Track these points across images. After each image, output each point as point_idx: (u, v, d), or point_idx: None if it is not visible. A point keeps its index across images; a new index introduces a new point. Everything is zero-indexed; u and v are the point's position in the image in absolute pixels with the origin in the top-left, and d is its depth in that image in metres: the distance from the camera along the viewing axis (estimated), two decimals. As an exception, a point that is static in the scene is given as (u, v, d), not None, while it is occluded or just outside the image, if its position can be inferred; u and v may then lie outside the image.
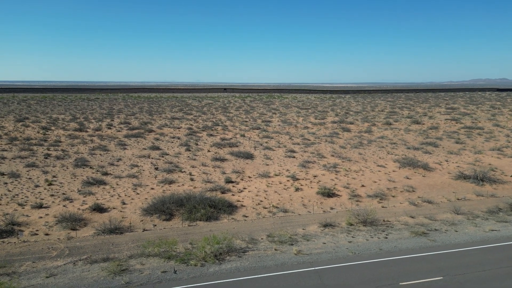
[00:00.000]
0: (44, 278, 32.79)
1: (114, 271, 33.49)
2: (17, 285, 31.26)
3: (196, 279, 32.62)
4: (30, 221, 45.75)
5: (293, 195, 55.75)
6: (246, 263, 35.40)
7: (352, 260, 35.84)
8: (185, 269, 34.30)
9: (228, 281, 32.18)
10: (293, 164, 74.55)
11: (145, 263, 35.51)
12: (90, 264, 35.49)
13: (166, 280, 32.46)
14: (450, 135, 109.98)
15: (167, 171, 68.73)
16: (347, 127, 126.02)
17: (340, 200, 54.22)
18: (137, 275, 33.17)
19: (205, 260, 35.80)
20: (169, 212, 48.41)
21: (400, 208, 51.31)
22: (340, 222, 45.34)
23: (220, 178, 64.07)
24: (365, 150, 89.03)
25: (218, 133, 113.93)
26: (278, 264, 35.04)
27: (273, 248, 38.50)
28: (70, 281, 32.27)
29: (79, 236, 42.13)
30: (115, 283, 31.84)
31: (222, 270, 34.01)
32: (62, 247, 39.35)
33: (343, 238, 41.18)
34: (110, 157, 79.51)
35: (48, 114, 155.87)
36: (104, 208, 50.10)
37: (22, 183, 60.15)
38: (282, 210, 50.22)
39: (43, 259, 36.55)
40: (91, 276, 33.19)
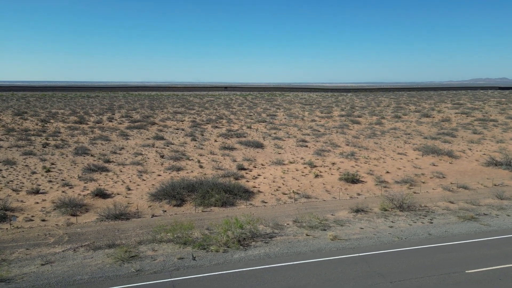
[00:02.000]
0: (38, 265, 27.66)
1: (121, 257, 28.31)
2: (5, 273, 25.77)
3: (220, 267, 27.52)
4: (25, 206, 40.52)
5: (313, 182, 50.55)
6: (276, 249, 30.19)
7: (400, 246, 31.05)
8: (205, 255, 29.06)
9: (258, 269, 27.06)
10: (307, 152, 69.34)
11: (158, 249, 30.29)
12: (93, 250, 30.23)
13: (184, 267, 27.21)
14: (465, 127, 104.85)
15: (174, 159, 63.54)
16: (356, 119, 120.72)
17: (366, 186, 49.00)
18: (149, 262, 27.94)
19: (228, 246, 30.66)
20: (180, 198, 43.18)
21: (434, 194, 46.34)
22: (372, 208, 40.21)
23: (231, 166, 58.86)
24: (380, 140, 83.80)
25: (223, 125, 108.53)
26: (314, 250, 29.86)
27: (303, 234, 33.27)
28: (69, 269, 27.09)
29: (80, 222, 36.92)
30: (123, 271, 26.62)
31: (249, 257, 28.76)
32: (60, 234, 34.02)
33: (382, 223, 36.01)
34: (112, 146, 74.18)
35: (47, 109, 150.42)
36: (108, 194, 44.87)
37: (17, 170, 54.89)
38: (304, 196, 45.05)
39: (38, 246, 31.27)
40: (95, 263, 27.91)
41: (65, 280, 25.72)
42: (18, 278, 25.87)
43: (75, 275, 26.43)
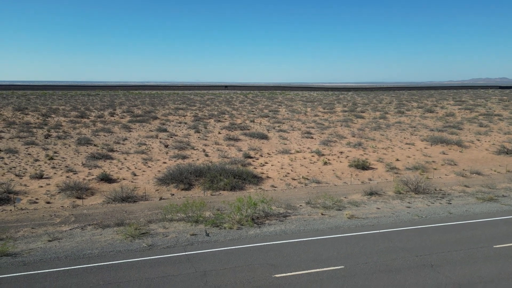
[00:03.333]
0: (45, 242, 26.41)
1: (132, 234, 27.11)
2: (11, 248, 24.47)
3: (235, 242, 26.35)
4: (29, 190, 39.29)
5: (323, 169, 49.41)
6: (292, 226, 29.00)
7: (421, 223, 29.95)
8: (218, 232, 27.92)
9: (275, 243, 25.91)
10: (313, 143, 68.20)
11: (169, 227, 29.15)
12: (102, 228, 29.03)
13: (198, 242, 25.98)
14: (471, 120, 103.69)
15: (179, 148, 62.18)
16: (359, 114, 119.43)
17: (377, 173, 47.83)
18: (161, 238, 26.76)
19: (241, 223, 29.44)
20: (187, 182, 42.04)
21: (447, 179, 45.27)
22: (386, 191, 39.11)
23: (237, 154, 57.71)
24: (386, 132, 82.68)
25: (226, 119, 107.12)
26: (332, 227, 28.65)
27: (318, 213, 32.05)
28: (78, 245, 25.84)
29: (86, 205, 35.77)
30: (135, 246, 25.40)
31: (265, 233, 27.58)
32: (66, 215, 32.79)
33: (398, 204, 34.84)
34: (115, 138, 72.96)
35: (48, 106, 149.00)
36: (113, 179, 43.64)
37: (20, 158, 53.66)
38: (314, 181, 43.86)
39: (44, 225, 30.06)
40: (104, 239, 26.71)
41: (74, 254, 24.53)
42: (25, 253, 24.70)
43: (85, 250, 25.24)
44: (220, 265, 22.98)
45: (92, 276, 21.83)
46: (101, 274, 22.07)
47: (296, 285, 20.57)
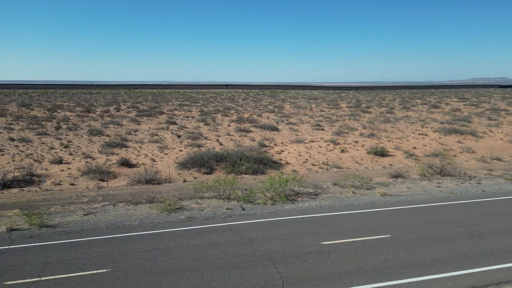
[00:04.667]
0: (81, 216, 26.07)
1: (167, 209, 26.81)
2: (48, 221, 24.13)
3: (273, 215, 26.21)
4: (51, 173, 39.00)
5: (341, 156, 49.24)
6: (327, 202, 28.73)
7: (457, 199, 30.00)
8: (253, 207, 27.69)
9: (316, 216, 25.68)
10: (325, 134, 67.87)
11: (201, 203, 28.95)
12: (134, 205, 28.83)
13: (236, 215, 25.73)
14: (478, 115, 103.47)
15: (192, 138, 61.60)
16: (365, 110, 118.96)
17: (396, 159, 47.63)
18: (197, 212, 26.48)
19: (274, 200, 28.86)
20: (208, 166, 41.37)
21: (468, 165, 45.25)
22: (409, 175, 38.57)
23: (251, 144, 57.15)
24: (396, 124, 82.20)
25: (233, 114, 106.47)
26: (368, 203, 28.41)
27: (349, 192, 31.90)
28: (114, 218, 25.59)
29: (111, 186, 35.11)
30: (173, 218, 25.13)
31: (300, 208, 27.38)
32: (93, 195, 32.43)
33: (427, 184, 34.67)
34: (125, 129, 72.46)
35: (52, 102, 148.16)
36: (133, 164, 42.94)
37: (34, 146, 53.26)
38: (335, 166, 43.28)
39: (73, 203, 29.74)
40: (140, 213, 26.40)
41: (114, 225, 24.25)
42: (63, 225, 24.40)
43: (124, 222, 24.97)
44: (264, 234, 22.72)
45: (138, 242, 21.57)
46: (147, 241, 21.82)
47: (346, 251, 20.31)
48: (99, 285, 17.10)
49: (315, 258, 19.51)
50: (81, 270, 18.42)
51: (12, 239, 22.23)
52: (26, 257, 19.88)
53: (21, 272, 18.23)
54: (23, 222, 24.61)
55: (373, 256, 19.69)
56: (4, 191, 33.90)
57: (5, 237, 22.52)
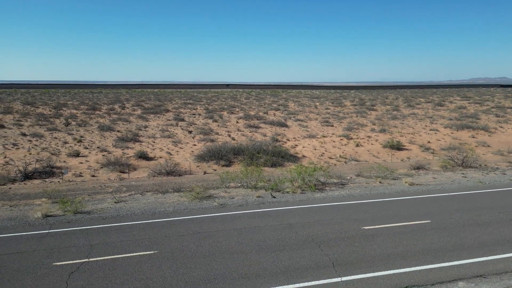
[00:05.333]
0: (112, 203, 25.86)
1: (196, 197, 26.39)
2: (82, 207, 23.90)
3: (306, 202, 26.25)
4: (70, 166, 38.85)
5: (356, 150, 49.15)
6: (356, 191, 28.58)
7: (488, 188, 29.97)
8: (283, 195, 27.30)
9: (349, 203, 25.74)
10: (335, 130, 67.42)
11: (229, 192, 28.67)
12: (162, 194, 28.40)
13: (268, 202, 25.52)
14: (485, 112, 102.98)
15: (204, 133, 61.26)
16: (371, 107, 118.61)
17: (413, 153, 47.51)
18: (228, 200, 26.27)
19: (302, 189, 28.50)
20: (227, 159, 41.06)
21: (486, 158, 44.99)
22: (430, 167, 38.18)
23: (264, 138, 56.79)
24: (404, 121, 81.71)
25: (239, 112, 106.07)
26: (398, 191, 28.31)
27: (376, 182, 31.73)
28: (146, 205, 25.36)
29: (132, 178, 34.76)
30: (206, 205, 24.95)
31: (331, 196, 27.25)
32: (117, 185, 32.20)
33: (452, 175, 34.54)
34: (135, 126, 72.03)
35: (55, 101, 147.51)
36: (150, 157, 42.64)
37: (48, 141, 53.02)
38: (353, 159, 43.05)
39: (99, 193, 29.52)
40: (171, 201, 26.21)
41: (148, 211, 24.07)
42: (97, 211, 24.21)
43: (157, 208, 24.78)
44: (303, 219, 22.57)
45: (178, 227, 21.48)
46: (186, 225, 21.70)
47: (390, 235, 20.16)
48: (149, 265, 16.95)
49: (360, 241, 19.34)
50: (127, 252, 18.30)
51: (51, 224, 22.06)
52: (69, 240, 19.73)
53: (68, 254, 18.11)
54: (56, 209, 24.45)
55: (419, 240, 19.54)
56: (26, 182, 33.66)
57: (43, 222, 22.34)
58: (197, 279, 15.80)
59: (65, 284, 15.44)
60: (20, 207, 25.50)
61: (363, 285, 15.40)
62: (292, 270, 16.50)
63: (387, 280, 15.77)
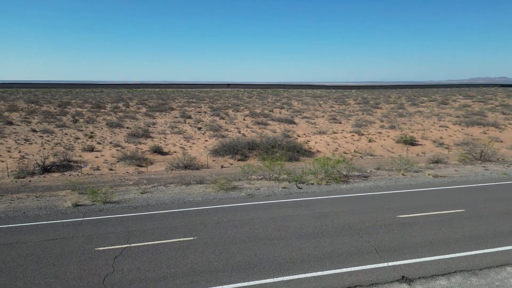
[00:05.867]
0: (138, 194, 25.70)
1: (222, 188, 26.17)
2: (110, 197, 23.71)
3: (333, 193, 26.18)
4: (86, 160, 38.65)
5: (370, 145, 49.04)
6: (381, 182, 28.45)
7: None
8: (308, 187, 27.15)
9: (378, 194, 25.13)
10: (344, 127, 67.16)
11: (253, 183, 28.36)
12: (185, 185, 28.15)
13: (295, 193, 25.44)
14: (490, 110, 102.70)
15: (213, 130, 61.01)
16: (376, 106, 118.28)
17: (427, 148, 47.41)
18: (254, 191, 26.11)
19: (327, 181, 28.30)
20: (242, 154, 40.94)
21: (502, 152, 44.42)
22: (448, 161, 37.96)
23: (274, 135, 56.48)
24: (412, 118, 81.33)
25: (243, 110, 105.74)
26: (424, 183, 28.30)
27: (399, 174, 31.57)
28: (174, 195, 25.34)
29: (150, 171, 34.49)
30: (234, 195, 24.90)
31: (358, 187, 27.17)
32: (136, 179, 32.00)
33: (473, 168, 34.39)
34: (143, 123, 71.74)
35: (58, 100, 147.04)
36: (165, 152, 42.42)
37: (59, 137, 52.83)
38: (368, 154, 42.85)
39: (120, 185, 29.37)
40: (197, 192, 26.04)
41: (177, 201, 23.96)
42: (126, 201, 24.05)
43: (185, 198, 24.62)
44: (335, 209, 22.40)
45: (212, 215, 21.37)
46: (220, 213, 21.59)
47: (427, 223, 20.02)
48: (192, 250, 16.84)
49: (398, 229, 19.20)
50: (167, 238, 18.25)
51: (83, 213, 21.92)
52: (105, 227, 19.62)
53: (108, 240, 18.02)
54: (84, 199, 24.21)
55: (457, 228, 19.44)
56: (46, 175, 33.44)
57: (75, 211, 22.21)
58: (242, 264, 15.64)
59: (111, 268, 15.27)
60: (46, 198, 25.32)
61: (410, 269, 15.24)
62: (336, 256, 16.33)
63: (434, 265, 15.64)
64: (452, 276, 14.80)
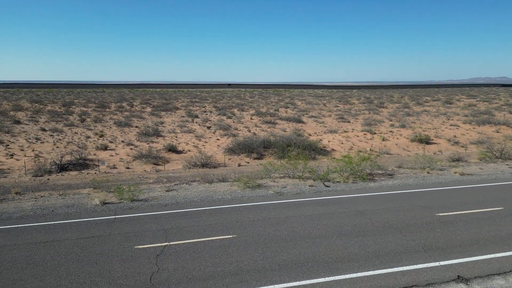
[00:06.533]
0: (163, 192, 25.18)
1: (247, 186, 25.52)
2: (137, 195, 23.08)
3: (363, 191, 25.71)
4: (101, 158, 37.70)
5: (384, 143, 48.50)
6: (409, 180, 27.91)
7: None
8: (335, 185, 26.53)
9: (410, 192, 24.63)
10: (354, 126, 66.54)
11: (278, 182, 27.79)
12: (208, 183, 27.55)
13: (325, 191, 24.86)
14: (497, 109, 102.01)
15: (223, 129, 60.36)
16: (381, 105, 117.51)
17: (442, 146, 46.85)
18: (281, 189, 25.60)
19: (352, 179, 27.72)
20: (257, 152, 40.40)
21: (519, 151, 43.61)
22: (468, 160, 37.35)
23: (284, 133, 55.80)
24: (420, 117, 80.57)
25: (249, 109, 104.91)
26: (454, 181, 27.74)
27: (424, 172, 31.06)
28: (201, 193, 24.76)
29: (168, 169, 33.93)
30: (262, 193, 24.35)
31: (386, 185, 26.61)
32: (155, 177, 31.41)
33: (496, 166, 34.04)
34: (150, 122, 71.08)
35: (61, 100, 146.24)
36: (179, 150, 41.84)
37: (69, 136, 52.19)
38: (385, 152, 42.27)
39: (141, 183, 28.82)
40: (223, 190, 25.53)
41: (206, 198, 23.47)
42: (153, 199, 23.50)
43: (213, 196, 24.06)
44: (370, 207, 21.87)
45: (246, 213, 20.94)
46: (253, 211, 21.18)
47: (469, 221, 19.56)
48: (234, 248, 16.34)
49: (441, 227, 18.67)
50: (205, 236, 17.72)
51: (113, 210, 21.40)
52: (140, 225, 19.12)
53: (146, 238, 17.60)
54: (110, 197, 23.64)
55: (500, 226, 18.97)
56: (63, 173, 32.86)
57: (104, 209, 21.67)
58: (288, 262, 15.12)
59: (155, 266, 14.74)
60: (70, 196, 24.76)
61: (464, 269, 14.70)
62: (384, 255, 15.78)
63: (487, 264, 15.12)
64: (509, 276, 14.29)
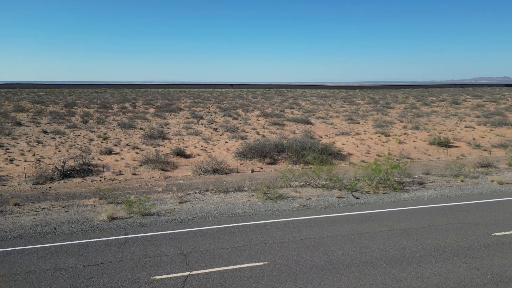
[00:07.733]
0: (176, 204, 22.83)
1: (268, 197, 22.88)
2: (149, 209, 20.39)
3: (397, 204, 22.78)
4: (106, 164, 35.12)
5: (401, 147, 45.68)
6: (445, 191, 25.30)
7: None
8: (366, 196, 23.76)
9: (452, 205, 22.33)
10: (365, 127, 63.93)
11: (300, 192, 25.00)
12: (224, 193, 24.85)
13: (357, 204, 22.30)
14: (507, 109, 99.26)
15: (230, 131, 57.66)
16: (388, 106, 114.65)
17: (463, 150, 44.20)
18: (305, 200, 23.00)
19: (383, 190, 24.97)
20: (271, 156, 37.66)
21: (546, 154, 41.01)
22: (497, 165, 34.68)
23: (293, 136, 53.00)
24: (430, 119, 77.75)
25: (254, 110, 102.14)
26: (495, 191, 25.40)
27: (458, 180, 28.48)
28: (217, 206, 22.46)
29: (177, 176, 31.21)
30: (286, 207, 21.78)
31: (422, 197, 24.06)
32: (165, 184, 28.74)
33: (529, 173, 30.63)
34: (155, 123, 68.38)
35: (63, 100, 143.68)
36: (188, 155, 39.14)
37: (72, 138, 49.59)
38: (404, 156, 39.60)
39: (149, 193, 26.20)
40: (242, 201, 23.02)
41: (225, 213, 20.92)
42: (165, 213, 20.93)
43: (232, 210, 21.54)
44: (413, 224, 19.31)
45: (274, 232, 18.52)
46: (281, 230, 18.81)
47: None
48: (269, 280, 13.90)
49: (504, 251, 16.08)
50: (232, 263, 15.20)
51: (123, 228, 18.89)
52: (155, 248, 16.63)
53: (163, 265, 15.19)
54: (118, 210, 20.98)
55: None
56: (66, 180, 30.25)
57: (113, 226, 19.08)
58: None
59: (178, 306, 11.98)
60: (74, 208, 22.13)
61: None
62: (450, 289, 13.00)
63: None
64: None
